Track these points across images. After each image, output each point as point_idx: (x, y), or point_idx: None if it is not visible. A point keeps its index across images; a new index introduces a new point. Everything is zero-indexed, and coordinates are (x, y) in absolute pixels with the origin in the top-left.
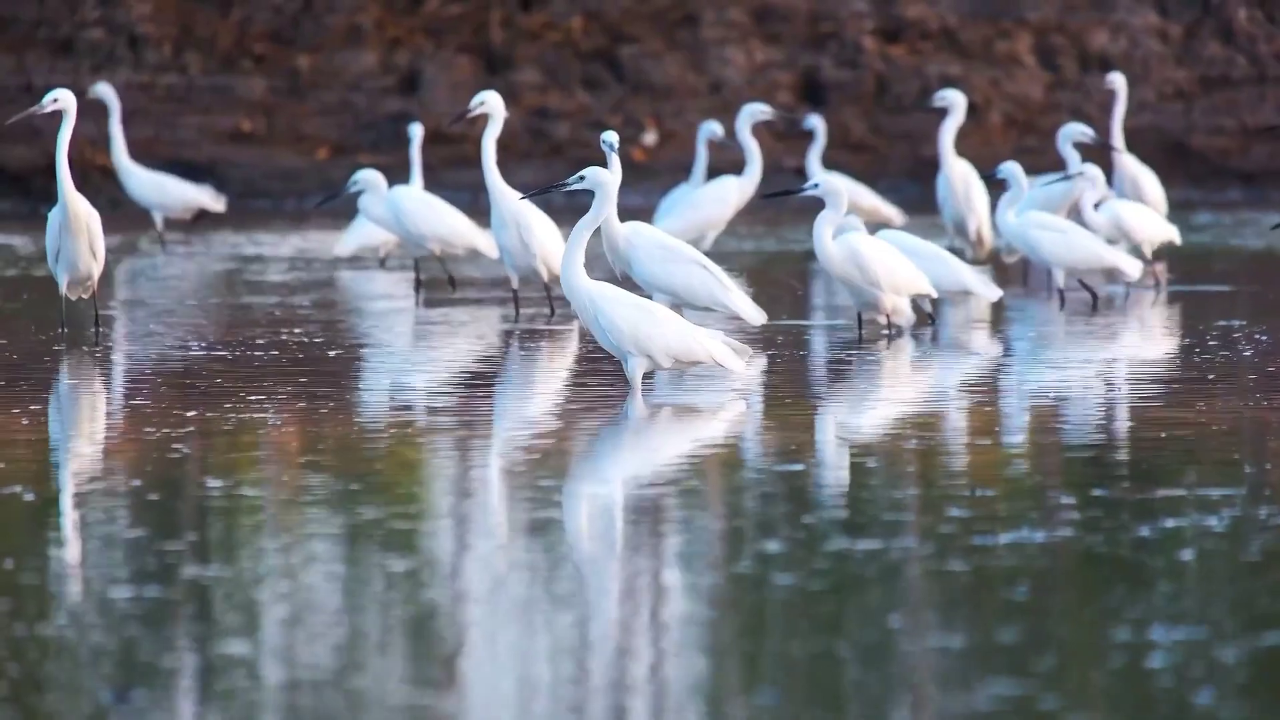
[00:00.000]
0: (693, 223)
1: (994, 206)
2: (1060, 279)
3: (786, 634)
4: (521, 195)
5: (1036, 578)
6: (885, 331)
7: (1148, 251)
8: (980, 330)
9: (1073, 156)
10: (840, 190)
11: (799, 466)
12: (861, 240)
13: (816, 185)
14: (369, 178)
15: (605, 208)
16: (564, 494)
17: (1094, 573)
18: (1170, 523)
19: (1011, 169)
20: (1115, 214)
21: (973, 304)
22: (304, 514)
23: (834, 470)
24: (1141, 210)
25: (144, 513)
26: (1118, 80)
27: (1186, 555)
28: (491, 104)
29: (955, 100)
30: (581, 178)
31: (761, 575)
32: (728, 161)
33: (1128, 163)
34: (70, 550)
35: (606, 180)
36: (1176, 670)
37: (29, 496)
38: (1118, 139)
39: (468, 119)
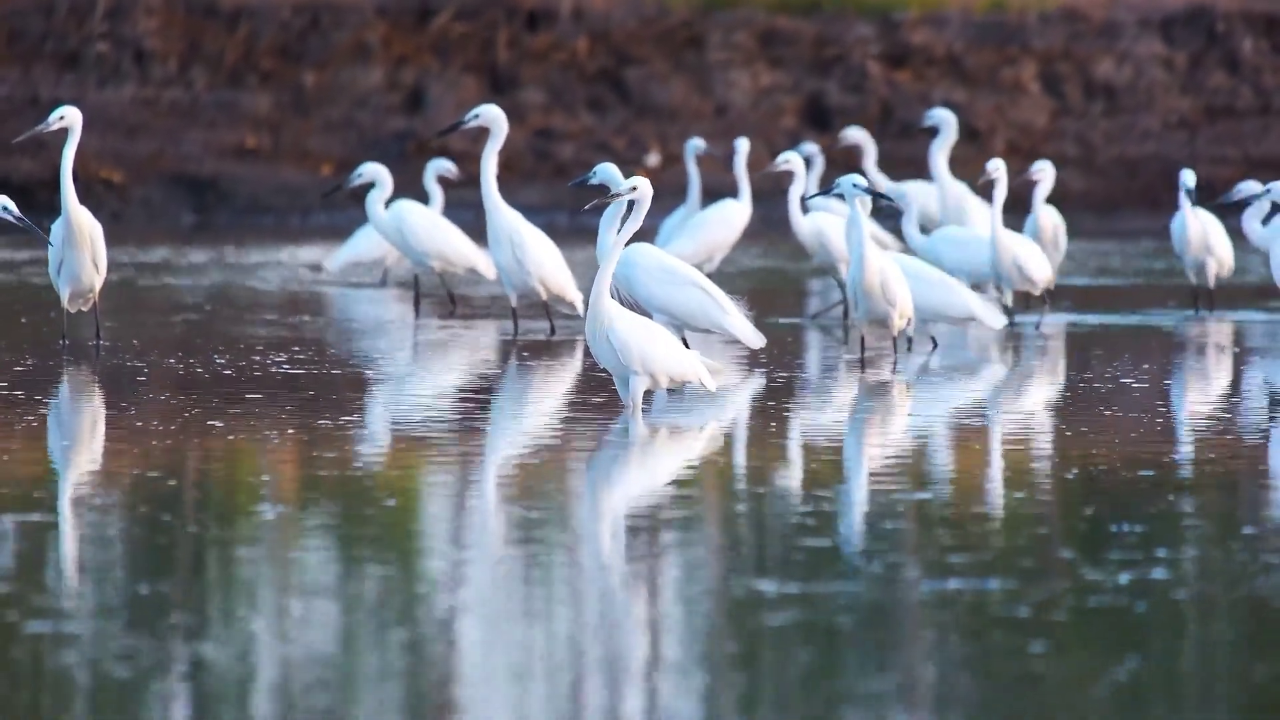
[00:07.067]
0: (703, 244)
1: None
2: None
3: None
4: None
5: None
6: (893, 353)
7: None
8: (983, 356)
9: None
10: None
11: (793, 487)
12: (892, 260)
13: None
14: (376, 170)
15: (640, 221)
16: (573, 517)
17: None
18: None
19: (942, 114)
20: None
21: (977, 330)
22: (298, 537)
23: (847, 498)
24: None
25: (140, 532)
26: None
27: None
28: (489, 117)
29: (945, 118)
30: (634, 188)
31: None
32: (728, 185)
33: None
34: (65, 571)
35: (649, 193)
36: None
37: (25, 515)
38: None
39: (465, 131)
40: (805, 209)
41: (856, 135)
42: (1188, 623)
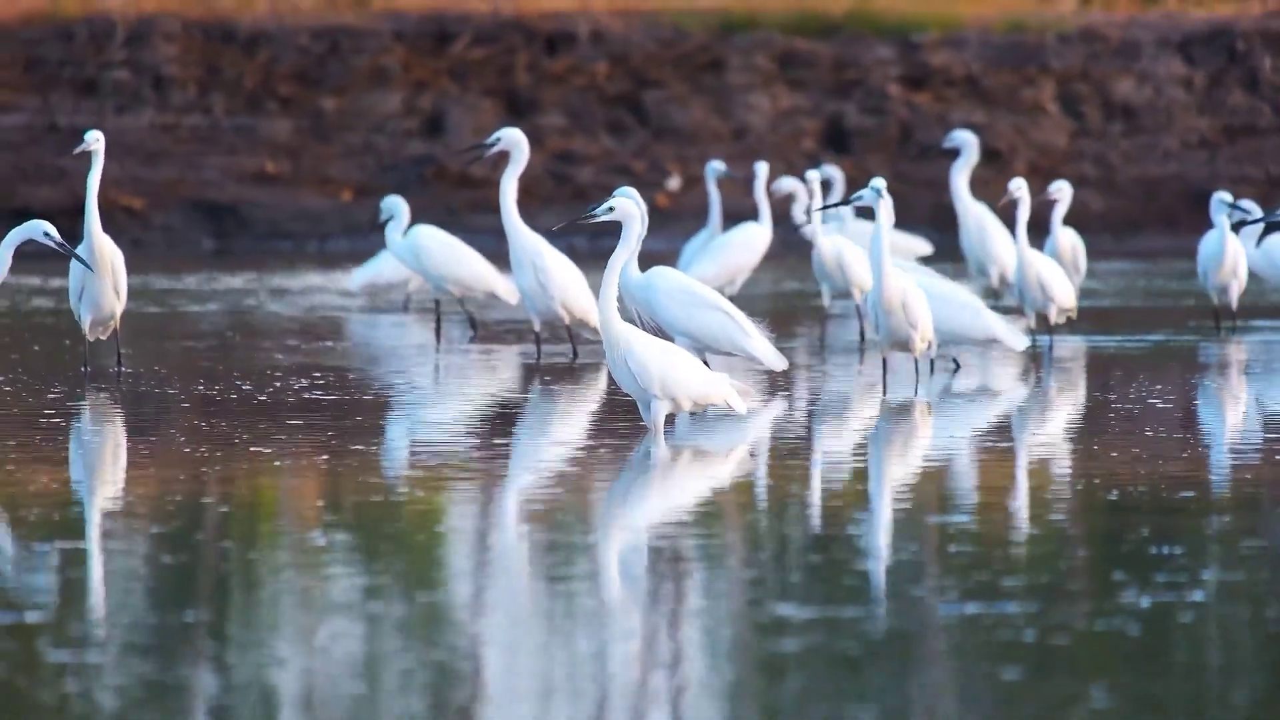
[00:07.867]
0: (725, 267)
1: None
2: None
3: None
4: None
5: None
6: (915, 375)
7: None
8: (1007, 376)
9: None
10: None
11: (817, 510)
12: (912, 281)
13: (877, 193)
14: (393, 205)
15: (634, 241)
16: (598, 541)
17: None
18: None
19: (964, 137)
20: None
21: (999, 352)
22: (322, 564)
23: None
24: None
25: (164, 561)
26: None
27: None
28: (511, 140)
29: (967, 140)
30: (611, 209)
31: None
32: (747, 208)
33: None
34: (92, 599)
35: (634, 212)
36: None
37: (51, 543)
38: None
39: (487, 157)
40: (822, 220)
41: (816, 177)
42: (1224, 648)
